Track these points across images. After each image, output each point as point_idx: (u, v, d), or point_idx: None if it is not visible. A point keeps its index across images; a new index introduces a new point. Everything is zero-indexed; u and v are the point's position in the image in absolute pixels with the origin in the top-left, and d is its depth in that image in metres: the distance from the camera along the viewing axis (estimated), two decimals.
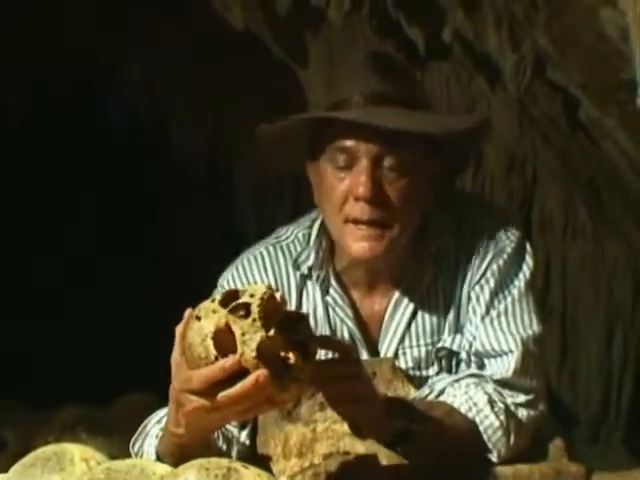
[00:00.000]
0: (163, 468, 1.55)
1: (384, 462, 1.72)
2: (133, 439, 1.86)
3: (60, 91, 6.20)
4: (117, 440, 3.92)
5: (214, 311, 1.48)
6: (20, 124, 6.15)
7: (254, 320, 1.45)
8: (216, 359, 1.47)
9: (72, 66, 5.99)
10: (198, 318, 1.49)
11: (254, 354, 1.44)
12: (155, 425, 1.83)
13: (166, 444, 1.68)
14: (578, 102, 3.96)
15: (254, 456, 1.83)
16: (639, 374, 5.37)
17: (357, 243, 1.86)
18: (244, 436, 1.89)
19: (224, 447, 1.86)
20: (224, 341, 1.47)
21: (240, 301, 1.47)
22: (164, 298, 6.40)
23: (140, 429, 1.87)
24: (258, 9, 4.52)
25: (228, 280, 2.02)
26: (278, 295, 1.48)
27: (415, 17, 4.08)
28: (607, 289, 5.30)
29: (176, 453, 1.64)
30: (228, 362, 1.46)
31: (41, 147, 6.55)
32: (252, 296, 1.47)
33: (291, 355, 1.47)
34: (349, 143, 1.85)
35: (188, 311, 1.52)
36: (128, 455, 1.76)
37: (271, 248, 2.03)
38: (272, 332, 1.45)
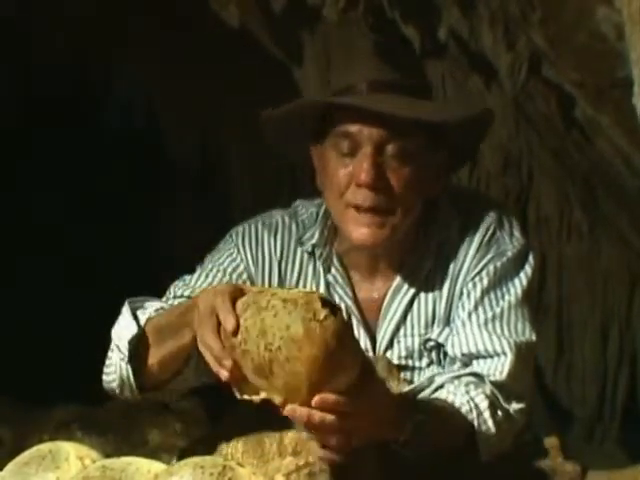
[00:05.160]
0: (158, 466, 1.55)
1: (378, 460, 1.72)
2: (129, 301, 1.94)
3: (56, 91, 6.20)
4: (112, 438, 3.92)
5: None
6: (17, 124, 6.14)
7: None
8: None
9: (68, 66, 5.99)
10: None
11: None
12: (154, 306, 1.93)
13: (169, 316, 1.80)
14: (573, 100, 3.96)
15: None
16: (634, 373, 5.38)
17: (358, 230, 1.88)
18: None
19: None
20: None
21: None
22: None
23: (139, 301, 1.96)
24: (253, 7, 4.52)
25: (238, 233, 2.06)
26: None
27: (411, 15, 4.08)
28: (603, 288, 5.30)
29: (168, 331, 1.78)
30: (229, 326, 1.54)
31: (39, 146, 6.55)
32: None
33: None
34: (353, 129, 1.86)
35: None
36: (123, 453, 1.76)
37: (287, 219, 2.07)
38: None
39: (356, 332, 1.89)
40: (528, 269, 1.98)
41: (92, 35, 5.71)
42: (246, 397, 1.57)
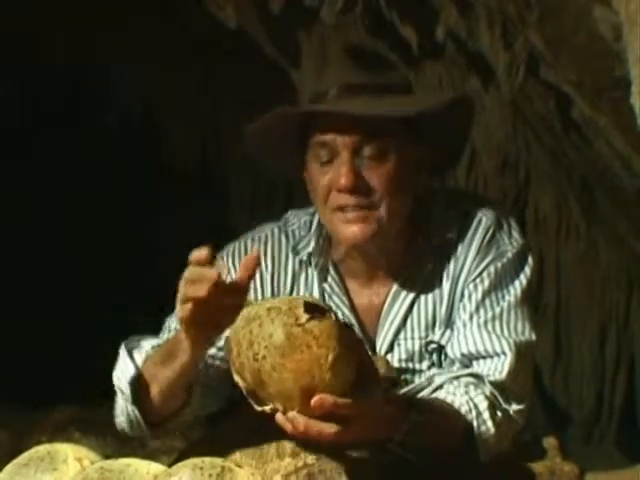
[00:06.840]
0: (157, 468, 1.55)
1: (378, 461, 1.71)
2: (125, 343, 1.92)
3: (53, 91, 6.19)
4: (110, 440, 3.92)
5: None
6: (16, 124, 6.14)
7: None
8: None
9: (66, 66, 5.99)
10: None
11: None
12: (150, 343, 1.91)
13: (163, 348, 1.80)
14: (571, 101, 3.96)
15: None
16: (632, 374, 5.38)
17: (346, 227, 1.89)
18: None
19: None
20: None
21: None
22: (157, 298, 6.38)
23: (135, 341, 1.93)
24: (251, 8, 4.51)
25: (228, 252, 2.06)
26: None
27: (408, 16, 4.08)
28: (601, 289, 5.30)
29: (161, 362, 1.78)
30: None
31: (37, 146, 6.54)
32: None
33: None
34: (328, 137, 1.88)
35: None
36: (122, 455, 1.76)
37: (276, 231, 2.07)
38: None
39: None
40: (527, 270, 1.98)
41: (92, 35, 5.71)
42: (259, 409, 1.57)
